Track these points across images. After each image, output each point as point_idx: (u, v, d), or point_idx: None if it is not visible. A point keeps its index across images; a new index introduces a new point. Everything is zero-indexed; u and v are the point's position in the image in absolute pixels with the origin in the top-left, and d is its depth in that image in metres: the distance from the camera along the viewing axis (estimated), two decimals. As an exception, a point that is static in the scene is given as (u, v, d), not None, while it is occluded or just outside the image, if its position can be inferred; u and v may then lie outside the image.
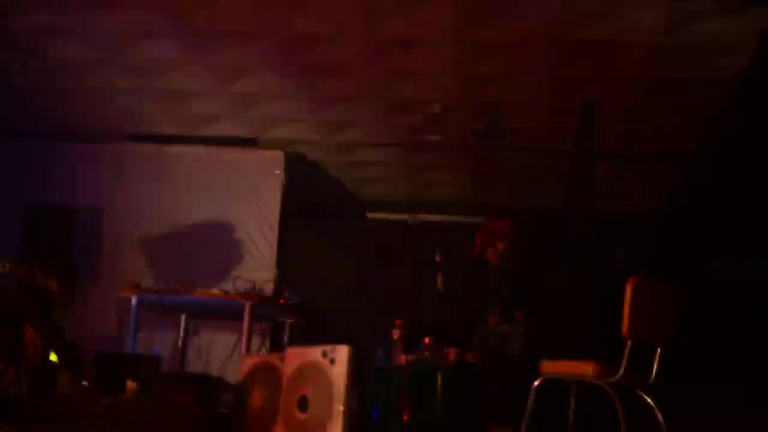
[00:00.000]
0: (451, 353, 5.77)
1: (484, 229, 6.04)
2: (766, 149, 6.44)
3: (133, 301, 5.97)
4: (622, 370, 4.15)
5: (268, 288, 6.40)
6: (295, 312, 6.54)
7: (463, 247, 6.33)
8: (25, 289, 4.66)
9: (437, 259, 6.25)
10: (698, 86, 6.53)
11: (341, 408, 4.50)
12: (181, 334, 6.80)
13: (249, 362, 5.27)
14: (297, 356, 4.89)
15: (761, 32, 5.72)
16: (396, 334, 5.90)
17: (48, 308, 4.65)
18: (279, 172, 8.07)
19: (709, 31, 5.75)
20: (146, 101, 7.51)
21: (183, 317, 6.77)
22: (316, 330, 6.74)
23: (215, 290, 6.12)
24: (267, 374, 5.04)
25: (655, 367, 4.35)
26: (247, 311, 5.78)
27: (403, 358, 5.78)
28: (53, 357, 4.64)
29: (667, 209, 8.58)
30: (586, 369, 4.29)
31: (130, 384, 4.58)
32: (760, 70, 5.97)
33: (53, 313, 4.72)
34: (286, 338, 6.77)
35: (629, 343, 4.12)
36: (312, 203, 8.73)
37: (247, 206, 7.98)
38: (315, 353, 4.78)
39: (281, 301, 6.23)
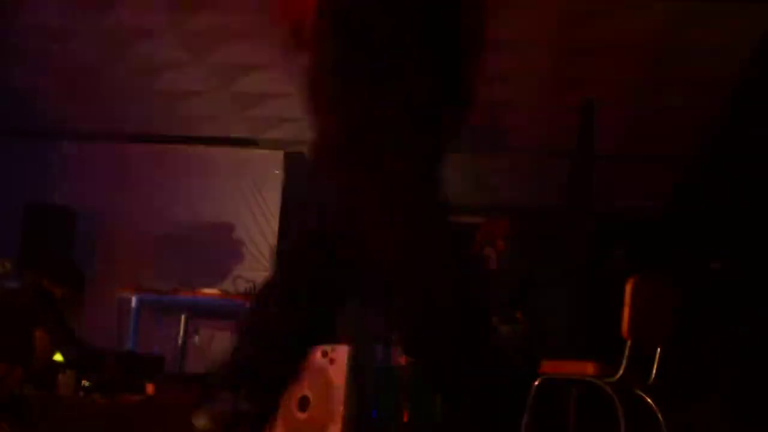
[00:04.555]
0: (451, 353, 5.75)
1: (483, 229, 6.03)
2: (765, 149, 6.45)
3: (133, 301, 5.98)
4: (622, 370, 4.15)
5: (268, 288, 6.38)
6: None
7: (463, 247, 6.31)
8: (35, 293, 4.69)
9: (437, 258, 6.22)
10: (698, 86, 6.53)
11: (341, 408, 4.50)
12: (181, 334, 6.80)
13: (249, 362, 5.26)
14: (297, 356, 4.88)
15: (761, 32, 5.72)
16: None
17: (59, 312, 4.68)
18: (279, 172, 8.06)
19: (709, 31, 5.75)
20: (146, 101, 7.51)
21: (183, 317, 6.77)
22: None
23: (215, 290, 6.12)
24: (267, 374, 5.03)
25: (655, 367, 4.34)
26: (247, 311, 5.77)
27: (403, 358, 5.76)
28: (57, 357, 4.66)
29: (667, 209, 8.58)
30: (586, 369, 4.28)
31: (150, 386, 4.59)
32: (760, 70, 5.97)
33: (65, 317, 4.75)
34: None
35: (629, 342, 4.12)
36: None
37: (247, 206, 7.97)
38: (315, 353, 4.77)
39: (281, 301, 6.22)
